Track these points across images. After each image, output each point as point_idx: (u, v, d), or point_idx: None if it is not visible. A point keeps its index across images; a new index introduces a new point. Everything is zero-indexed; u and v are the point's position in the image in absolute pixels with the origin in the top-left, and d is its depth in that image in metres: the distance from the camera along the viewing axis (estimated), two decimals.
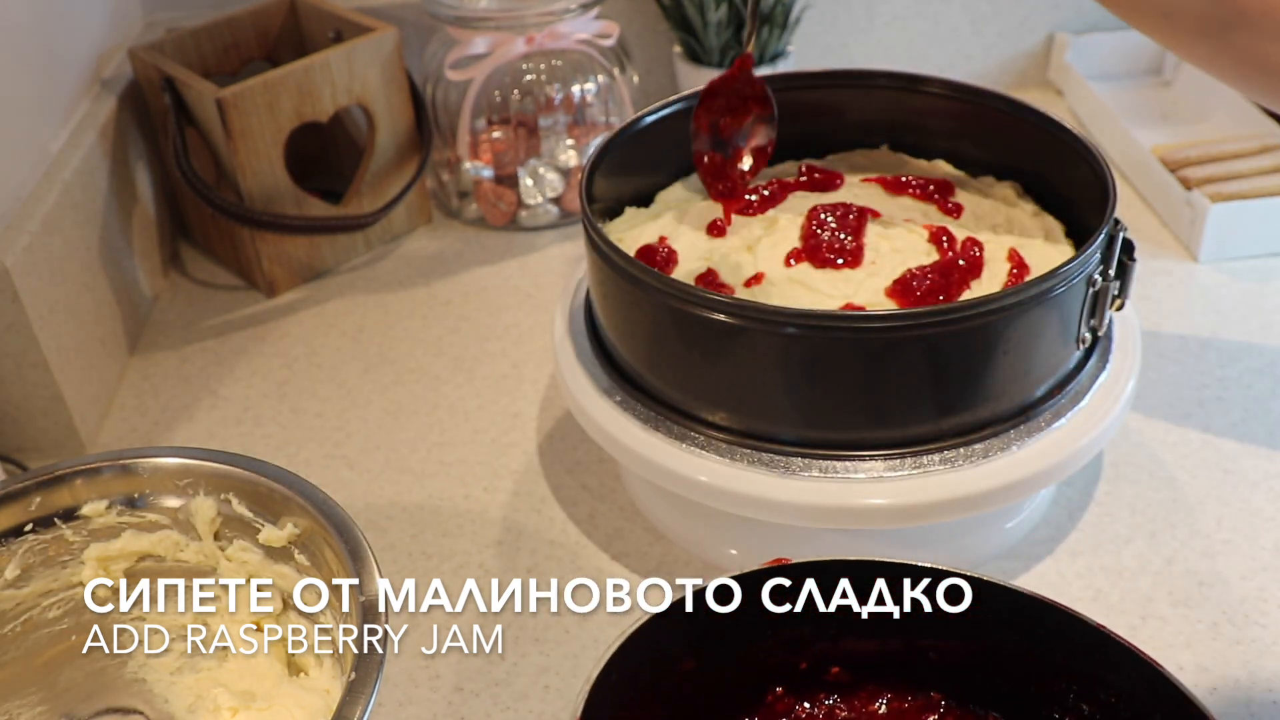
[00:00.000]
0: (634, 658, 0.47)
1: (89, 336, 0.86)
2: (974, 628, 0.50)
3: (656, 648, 0.49)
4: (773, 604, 0.50)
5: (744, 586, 0.50)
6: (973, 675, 0.52)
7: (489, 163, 1.05)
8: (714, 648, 0.51)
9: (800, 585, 0.50)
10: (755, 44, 1.06)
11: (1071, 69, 1.19)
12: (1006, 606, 0.49)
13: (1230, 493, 0.75)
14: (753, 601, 0.50)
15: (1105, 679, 0.48)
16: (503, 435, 0.83)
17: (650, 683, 0.49)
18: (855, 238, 0.71)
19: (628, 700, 0.47)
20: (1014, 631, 0.50)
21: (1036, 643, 0.49)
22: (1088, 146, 0.70)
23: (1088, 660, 0.48)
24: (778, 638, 0.52)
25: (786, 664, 0.53)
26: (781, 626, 0.51)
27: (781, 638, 0.52)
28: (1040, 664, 0.50)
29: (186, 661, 0.62)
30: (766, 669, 0.53)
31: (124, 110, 0.98)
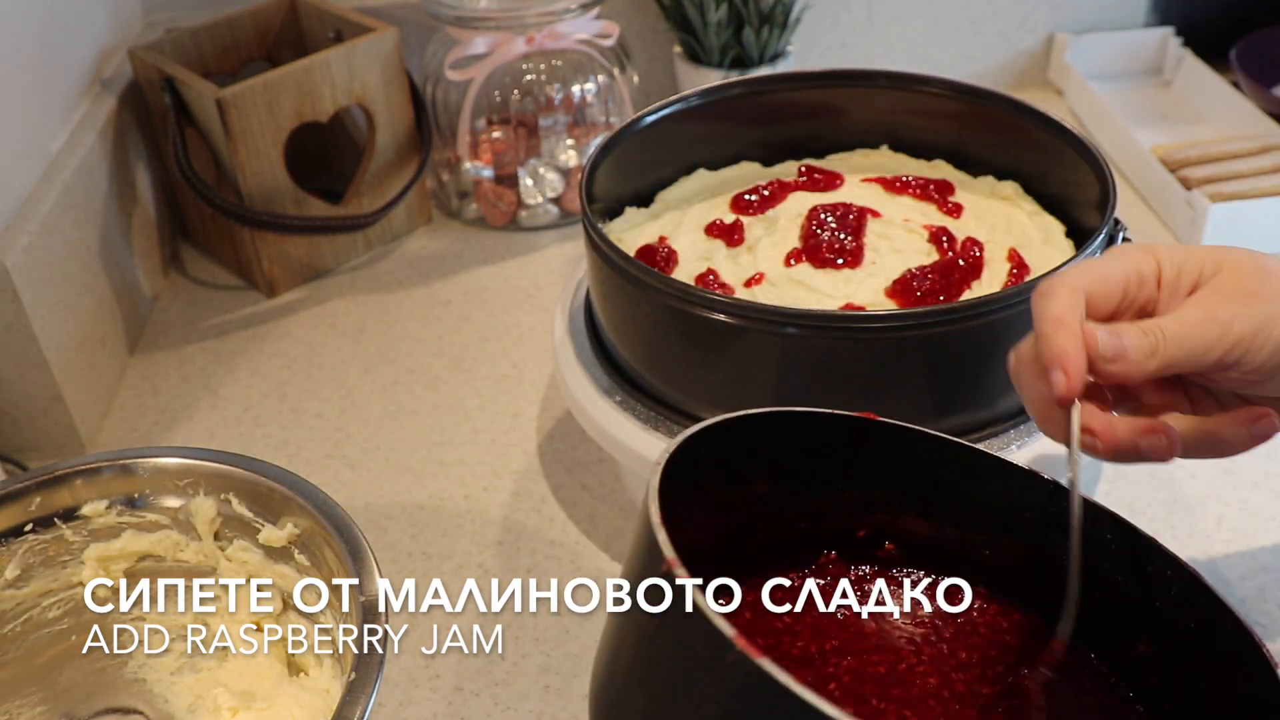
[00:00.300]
0: (719, 448, 0.47)
1: (89, 336, 0.86)
2: (1029, 529, 0.50)
3: (740, 449, 0.49)
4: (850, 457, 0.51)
5: (831, 426, 0.50)
6: (1024, 577, 0.52)
7: (489, 163, 1.05)
8: (789, 479, 0.51)
9: (881, 446, 0.51)
10: (759, 42, 1.07)
11: (1071, 69, 1.19)
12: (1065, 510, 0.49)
13: (1230, 493, 0.75)
14: (834, 446, 0.51)
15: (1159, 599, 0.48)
16: (503, 435, 0.83)
17: (721, 486, 0.50)
18: (855, 238, 0.71)
19: (696, 489, 0.47)
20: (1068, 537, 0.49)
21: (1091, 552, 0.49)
22: (1088, 146, 0.70)
23: (1138, 570, 0.48)
24: (844, 495, 0.52)
25: (845, 527, 0.53)
26: (852, 483, 0.52)
27: (847, 497, 0.52)
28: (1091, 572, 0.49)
29: (186, 661, 0.62)
30: (826, 526, 0.53)
31: (124, 110, 0.98)
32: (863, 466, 0.52)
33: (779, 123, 0.81)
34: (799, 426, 0.50)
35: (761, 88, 0.80)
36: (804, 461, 0.51)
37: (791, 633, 0.51)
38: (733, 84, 0.80)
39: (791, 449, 0.51)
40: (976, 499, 0.52)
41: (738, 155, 0.82)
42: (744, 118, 0.81)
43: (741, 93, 0.80)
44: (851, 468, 0.52)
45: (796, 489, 0.52)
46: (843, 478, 0.52)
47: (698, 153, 0.81)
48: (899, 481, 0.52)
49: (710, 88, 0.79)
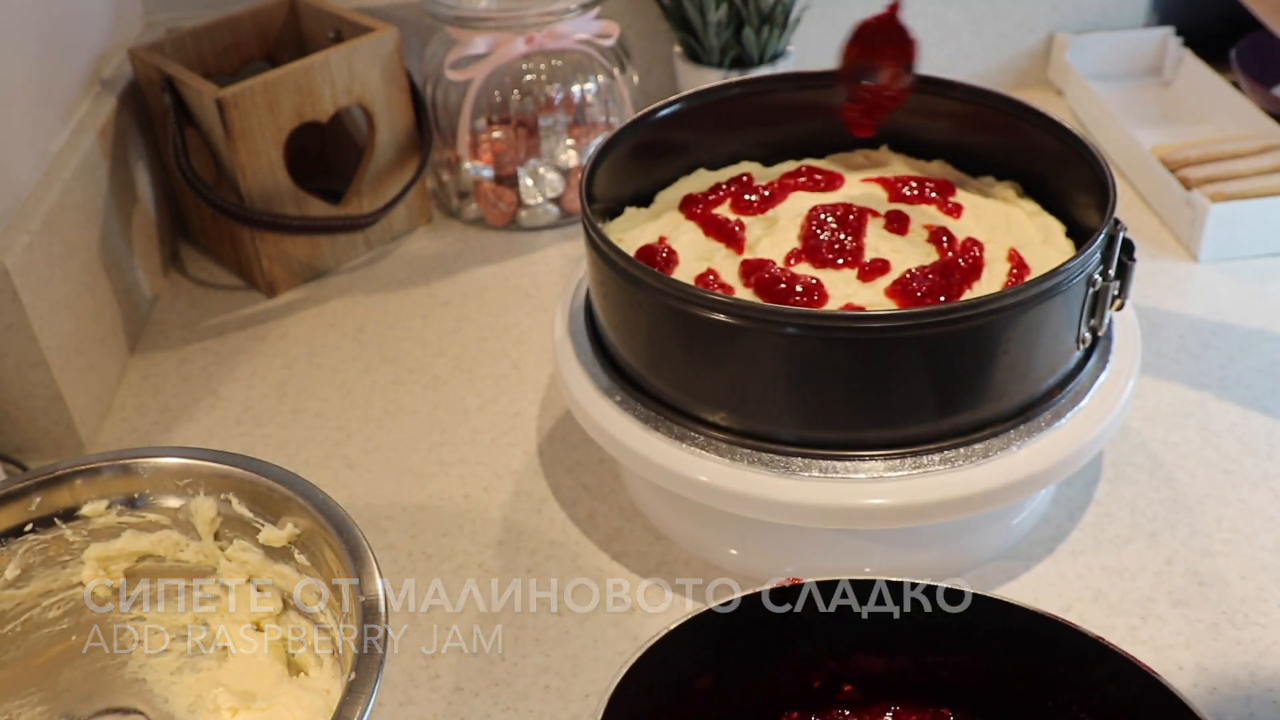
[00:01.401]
0: (652, 672, 0.48)
1: (89, 336, 0.86)
2: (977, 643, 0.51)
3: (674, 662, 0.49)
4: (785, 621, 0.51)
5: (761, 604, 0.50)
6: (981, 691, 0.52)
7: (489, 163, 1.05)
8: (731, 665, 0.52)
9: (814, 601, 0.51)
10: (759, 42, 1.07)
11: (1071, 69, 1.19)
12: (1007, 621, 0.50)
13: (1230, 493, 0.75)
14: (768, 619, 0.51)
15: (1106, 690, 0.48)
16: (503, 435, 0.83)
17: (667, 698, 0.50)
18: (855, 238, 0.71)
19: (642, 714, 0.47)
20: (1016, 646, 0.50)
21: (1039, 656, 0.50)
22: (1088, 146, 0.70)
23: (1088, 672, 0.48)
24: (790, 656, 0.52)
25: (800, 683, 0.53)
26: (794, 644, 0.52)
27: (794, 656, 0.52)
28: (1043, 677, 0.50)
29: (186, 661, 0.62)
30: (780, 689, 0.53)
31: (124, 110, 0.98)
32: (799, 628, 0.52)
33: (779, 123, 0.81)
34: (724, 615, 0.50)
35: (761, 88, 0.80)
36: (741, 645, 0.51)
37: None
38: (733, 84, 0.80)
39: (724, 637, 0.51)
40: (920, 625, 0.52)
41: (738, 155, 0.82)
42: (744, 118, 0.81)
43: (741, 93, 0.80)
44: (789, 633, 0.52)
45: (740, 669, 0.52)
46: (784, 644, 0.52)
47: (698, 153, 0.81)
48: (838, 628, 0.52)
49: (710, 88, 0.79)
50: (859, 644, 0.52)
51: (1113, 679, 0.47)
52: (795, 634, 0.52)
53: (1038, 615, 0.49)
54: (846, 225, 0.72)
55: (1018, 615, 0.49)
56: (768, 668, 0.52)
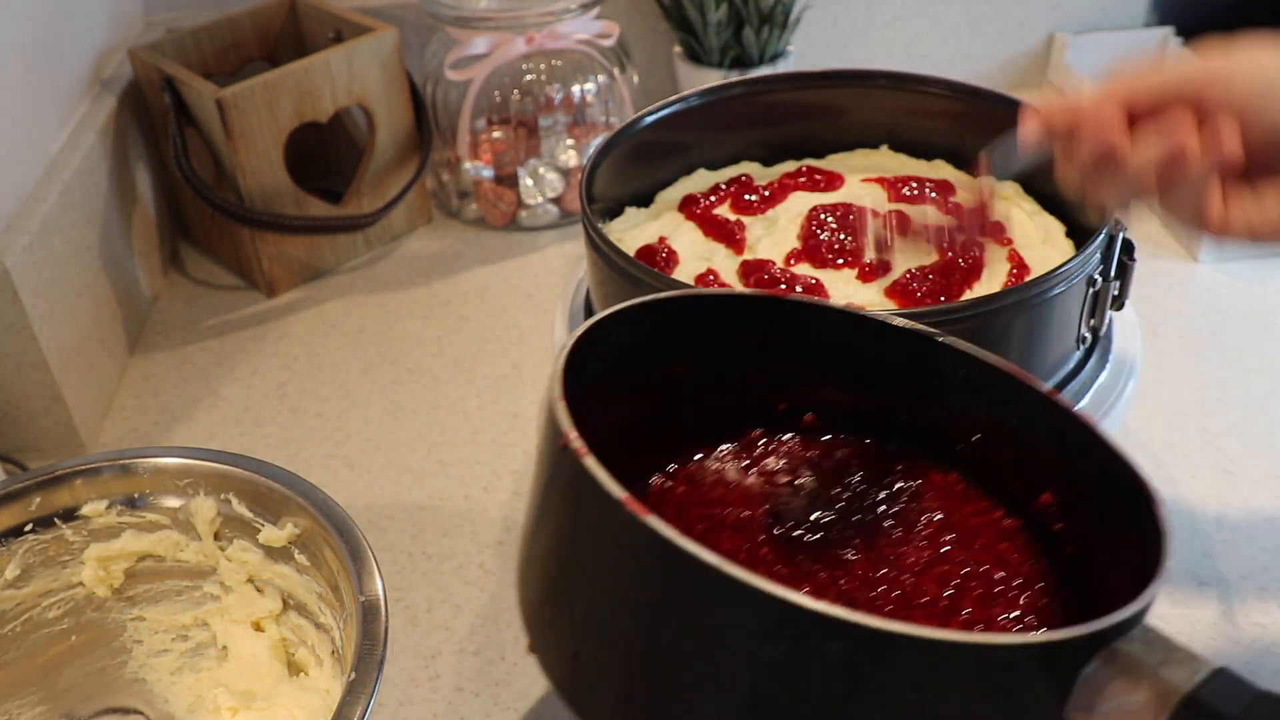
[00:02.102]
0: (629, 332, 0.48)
1: (89, 336, 0.86)
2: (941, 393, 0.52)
3: (652, 333, 0.50)
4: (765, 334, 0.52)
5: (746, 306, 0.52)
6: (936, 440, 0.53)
7: (489, 163, 1.05)
8: (707, 359, 0.52)
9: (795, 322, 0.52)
10: (759, 42, 1.06)
11: (1071, 69, 1.19)
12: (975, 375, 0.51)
13: (1230, 493, 0.75)
14: (750, 324, 0.52)
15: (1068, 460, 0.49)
16: (503, 435, 0.83)
17: (637, 369, 0.51)
18: (855, 238, 0.71)
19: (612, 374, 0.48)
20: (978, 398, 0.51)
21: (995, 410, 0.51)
22: None
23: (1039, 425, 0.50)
24: (764, 371, 0.53)
25: (767, 402, 0.54)
26: (770, 360, 0.53)
27: (767, 372, 0.53)
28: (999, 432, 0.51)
29: (186, 661, 0.62)
30: (748, 403, 0.54)
31: (124, 110, 0.98)
32: (776, 343, 0.53)
33: (779, 123, 0.81)
34: (710, 308, 0.51)
35: (761, 88, 0.80)
36: (719, 342, 0.52)
37: (724, 503, 0.52)
38: (733, 84, 0.80)
39: (706, 331, 0.52)
40: (890, 367, 0.53)
41: (738, 155, 0.82)
42: (744, 118, 0.81)
43: (741, 93, 0.80)
44: (766, 345, 0.53)
45: (715, 368, 0.53)
46: (758, 355, 0.53)
47: (698, 153, 0.81)
48: (813, 355, 0.53)
49: (710, 88, 0.79)
50: (828, 376, 0.53)
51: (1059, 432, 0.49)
52: (772, 349, 0.53)
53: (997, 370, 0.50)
54: (846, 225, 0.72)
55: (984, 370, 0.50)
56: (740, 376, 0.53)
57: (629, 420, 0.49)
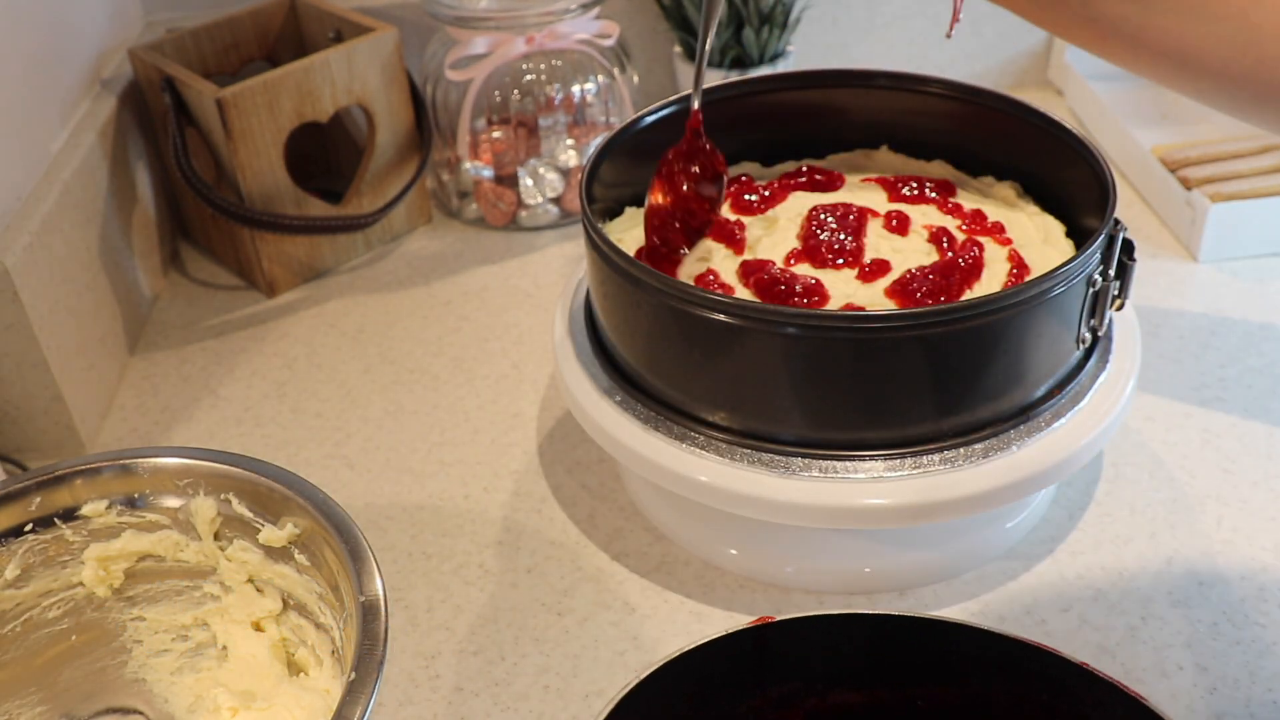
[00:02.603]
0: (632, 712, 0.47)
1: (89, 336, 0.86)
2: (959, 674, 0.50)
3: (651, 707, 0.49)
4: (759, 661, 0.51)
5: (731, 647, 0.50)
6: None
7: (489, 163, 1.05)
8: (705, 710, 0.51)
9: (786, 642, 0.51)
10: (759, 42, 1.06)
11: (1071, 69, 1.19)
12: (989, 651, 0.49)
13: (1230, 493, 0.75)
14: (741, 661, 0.51)
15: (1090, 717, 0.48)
16: (503, 435, 0.83)
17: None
18: (855, 238, 0.71)
19: None
20: (1000, 675, 0.50)
21: (1023, 685, 0.49)
22: (1088, 146, 0.70)
23: (1075, 699, 0.48)
24: (767, 695, 0.52)
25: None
26: (770, 684, 0.52)
27: (770, 695, 0.52)
28: (1027, 707, 0.49)
29: (186, 661, 0.62)
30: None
31: (124, 110, 0.98)
32: (774, 667, 0.51)
33: (779, 123, 0.81)
34: (701, 658, 0.50)
35: (761, 88, 0.80)
36: (717, 686, 0.51)
37: None
38: (733, 84, 0.80)
39: (700, 682, 0.50)
40: (896, 658, 0.51)
41: (738, 155, 0.82)
42: (744, 118, 0.81)
43: (741, 93, 0.80)
44: (763, 673, 0.51)
45: (716, 714, 0.51)
46: (758, 685, 0.52)
47: None
48: (815, 666, 0.52)
49: (710, 88, 0.79)
50: (836, 679, 0.52)
51: (1099, 706, 0.47)
52: (770, 673, 0.51)
53: (1020, 643, 0.48)
54: (846, 225, 0.72)
55: (999, 643, 0.49)
56: (743, 710, 0.52)
57: None
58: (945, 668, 0.50)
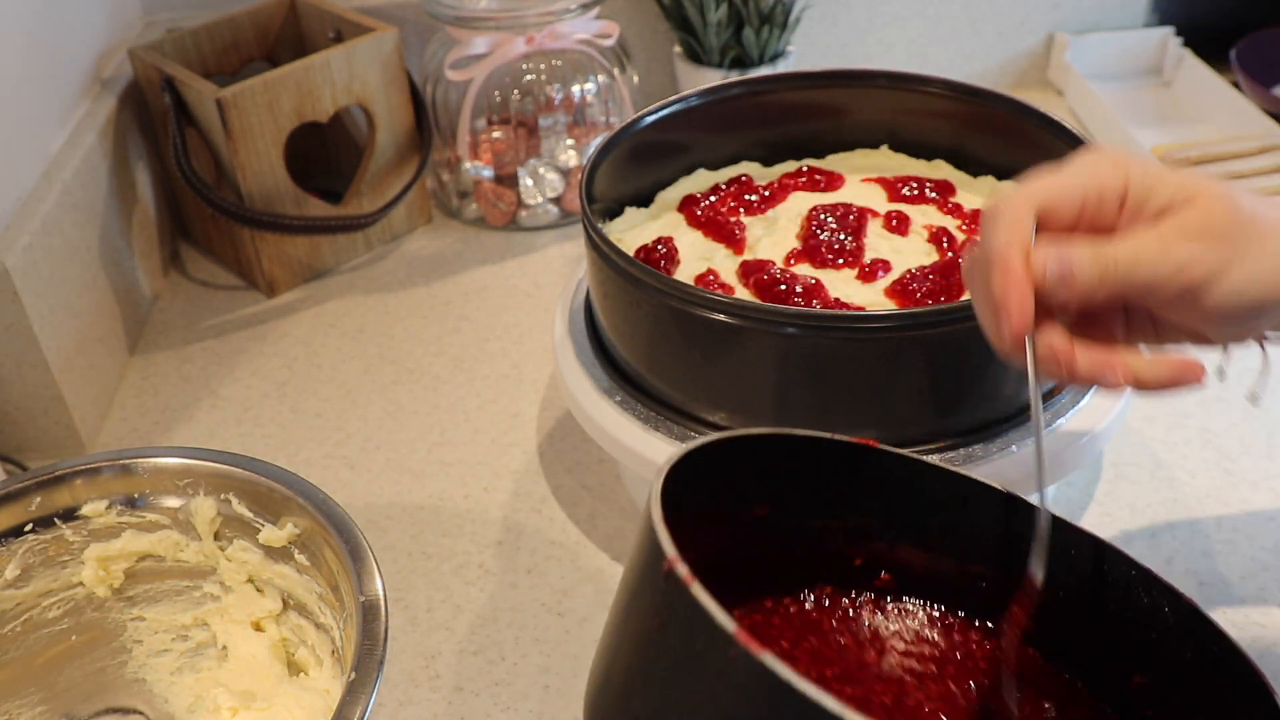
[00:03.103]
0: (719, 466, 0.47)
1: (89, 336, 0.86)
2: (1025, 557, 0.49)
3: (741, 468, 0.48)
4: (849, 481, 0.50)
5: (831, 451, 0.50)
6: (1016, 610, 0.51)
7: (489, 163, 1.05)
8: (788, 503, 0.51)
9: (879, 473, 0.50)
10: (759, 42, 1.06)
11: (1071, 69, 1.19)
12: (1067, 545, 0.48)
13: (1230, 493, 0.75)
14: (834, 470, 0.50)
15: (1148, 631, 0.47)
16: (503, 435, 0.83)
17: (722, 504, 0.49)
18: (855, 238, 0.71)
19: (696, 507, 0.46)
20: (1068, 571, 0.49)
21: (1086, 584, 0.49)
22: (1088, 146, 0.70)
23: (1132, 607, 0.47)
24: (843, 521, 0.52)
25: (842, 555, 0.52)
26: (849, 509, 0.51)
27: (846, 523, 0.52)
28: (1081, 605, 0.49)
29: (186, 661, 0.62)
30: (823, 553, 0.52)
31: (124, 110, 0.98)
32: (860, 494, 0.51)
33: (779, 123, 0.81)
34: (800, 449, 0.50)
35: (761, 88, 0.80)
36: (803, 486, 0.51)
37: (790, 658, 0.50)
38: (733, 84, 0.80)
39: (792, 472, 0.50)
40: (973, 529, 0.51)
41: (738, 155, 0.82)
42: (744, 118, 0.81)
43: (741, 93, 0.80)
44: (849, 494, 0.51)
45: (795, 513, 0.51)
46: (841, 504, 0.52)
47: (698, 153, 0.81)
48: (896, 510, 0.52)
49: (710, 88, 0.79)
50: (910, 534, 0.51)
51: (1161, 619, 0.46)
52: (853, 498, 0.51)
53: (1097, 542, 0.48)
54: (846, 225, 0.72)
55: (1079, 539, 0.48)
56: (818, 524, 0.52)
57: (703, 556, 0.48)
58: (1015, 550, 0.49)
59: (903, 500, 0.51)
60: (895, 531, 0.52)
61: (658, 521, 0.40)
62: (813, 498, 0.51)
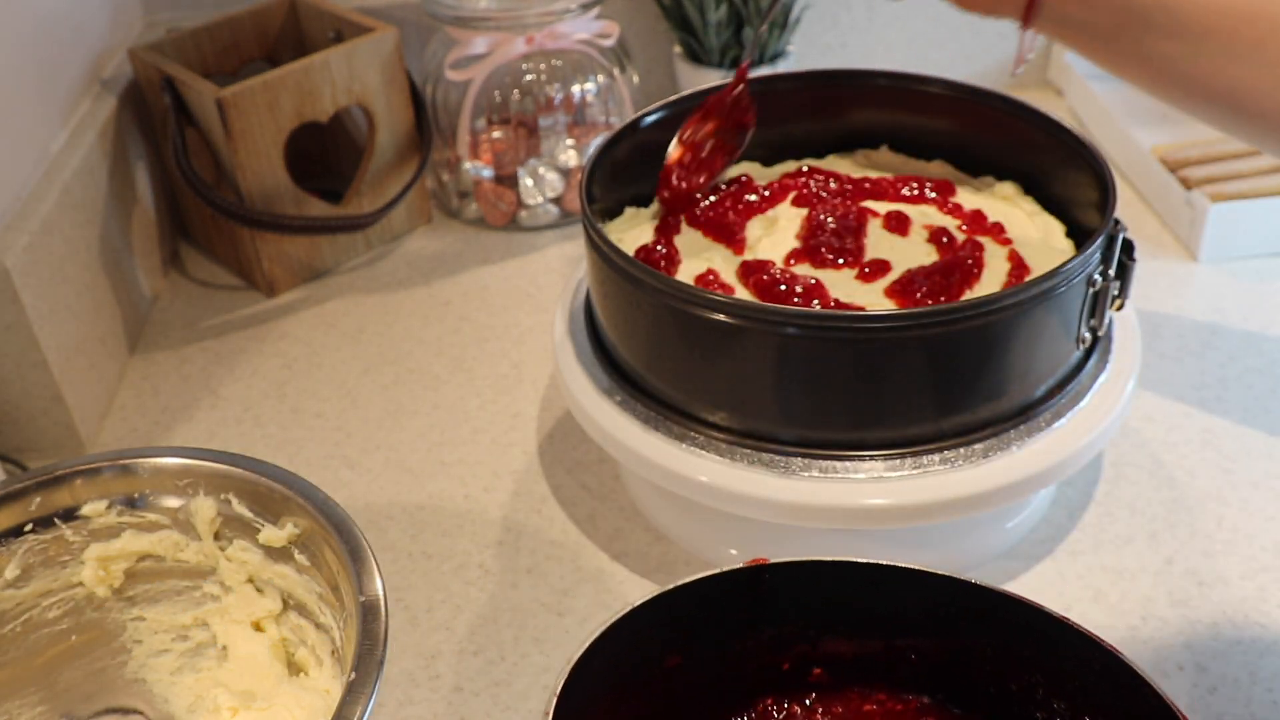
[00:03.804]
0: (616, 648, 0.47)
1: (89, 336, 0.86)
2: (946, 626, 0.51)
3: (639, 640, 0.49)
4: (752, 603, 0.51)
5: (726, 584, 0.50)
6: (952, 675, 0.52)
7: (489, 163, 1.05)
8: (698, 644, 0.51)
9: (780, 585, 0.51)
10: (754, 46, 1.06)
11: (1071, 69, 1.19)
12: (975, 604, 0.50)
13: (1230, 493, 0.75)
14: (735, 599, 0.51)
15: (1069, 669, 0.48)
16: (503, 435, 0.83)
17: (633, 676, 0.50)
18: (855, 238, 0.71)
19: (609, 690, 0.47)
20: (984, 628, 0.50)
21: (1006, 638, 0.50)
22: (1088, 146, 0.70)
23: (1052, 653, 0.48)
24: (759, 638, 0.52)
25: (769, 665, 0.53)
26: (762, 626, 0.52)
27: (762, 638, 0.52)
28: (1011, 659, 0.50)
29: (186, 661, 0.62)
30: (749, 671, 0.53)
31: (124, 110, 0.98)
32: (767, 610, 0.52)
33: (779, 123, 0.81)
34: (691, 595, 0.50)
35: (761, 88, 0.80)
36: (708, 624, 0.51)
37: None
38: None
39: (691, 618, 0.51)
40: (889, 609, 0.52)
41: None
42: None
43: None
44: (756, 614, 0.52)
45: (708, 650, 0.52)
46: (751, 626, 0.52)
47: None
48: (809, 612, 0.52)
49: (710, 88, 0.79)
50: (827, 627, 0.52)
51: (1075, 657, 0.47)
52: (763, 615, 0.52)
53: (1002, 595, 0.49)
54: (846, 225, 0.72)
55: (983, 596, 0.49)
56: (736, 649, 0.52)
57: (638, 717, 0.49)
58: (931, 619, 0.51)
59: (812, 601, 0.52)
60: (813, 631, 0.53)
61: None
62: (719, 632, 0.52)
